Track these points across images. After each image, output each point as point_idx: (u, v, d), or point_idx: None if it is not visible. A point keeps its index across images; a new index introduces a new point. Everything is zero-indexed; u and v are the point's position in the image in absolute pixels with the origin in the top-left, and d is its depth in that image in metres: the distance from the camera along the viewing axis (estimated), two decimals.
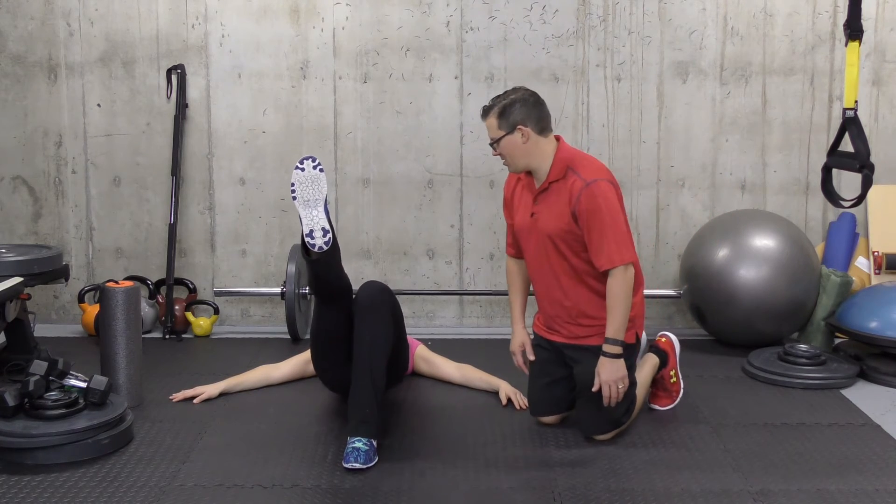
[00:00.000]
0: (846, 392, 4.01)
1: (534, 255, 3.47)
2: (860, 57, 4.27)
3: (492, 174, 4.93)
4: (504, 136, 3.35)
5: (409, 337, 3.97)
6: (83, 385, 3.38)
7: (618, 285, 3.28)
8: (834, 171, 4.34)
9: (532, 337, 3.65)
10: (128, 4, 4.83)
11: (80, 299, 4.85)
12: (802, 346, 4.21)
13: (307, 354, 3.87)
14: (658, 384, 3.73)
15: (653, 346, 3.78)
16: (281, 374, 4.02)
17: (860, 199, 4.14)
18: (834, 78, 4.89)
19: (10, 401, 3.23)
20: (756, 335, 4.53)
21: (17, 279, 3.90)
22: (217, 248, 5.01)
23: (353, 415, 3.28)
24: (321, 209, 3.20)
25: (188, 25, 4.85)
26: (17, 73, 4.88)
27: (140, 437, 3.42)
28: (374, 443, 3.23)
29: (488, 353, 4.51)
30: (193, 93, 4.89)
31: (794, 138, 4.95)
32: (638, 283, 3.42)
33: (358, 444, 3.18)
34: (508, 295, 3.68)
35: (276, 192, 4.95)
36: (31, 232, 5.00)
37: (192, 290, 4.95)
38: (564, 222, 3.33)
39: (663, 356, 3.72)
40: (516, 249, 3.61)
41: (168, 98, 4.88)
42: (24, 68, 4.87)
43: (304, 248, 3.27)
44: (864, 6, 4.15)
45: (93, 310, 4.68)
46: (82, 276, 5.01)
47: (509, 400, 3.81)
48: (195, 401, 3.79)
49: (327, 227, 3.20)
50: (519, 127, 3.33)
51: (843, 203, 4.26)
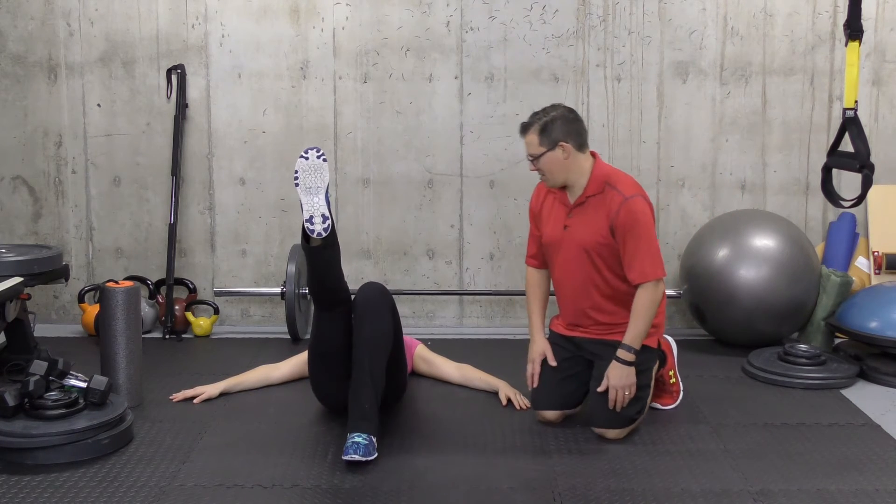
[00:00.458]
0: (846, 392, 4.01)
1: (563, 266, 3.55)
2: (860, 57, 4.27)
3: (492, 174, 4.93)
4: (545, 152, 3.43)
5: (408, 337, 3.97)
6: (83, 385, 3.38)
7: (646, 298, 3.40)
8: (834, 171, 4.34)
9: (548, 335, 3.70)
10: (128, 4, 4.83)
11: (80, 299, 4.85)
12: (802, 346, 4.21)
13: (307, 355, 3.87)
14: (658, 385, 3.75)
15: None
16: (281, 374, 4.03)
17: (860, 199, 4.14)
18: (834, 78, 4.89)
19: (10, 401, 3.23)
20: (756, 335, 4.53)
21: (17, 279, 3.90)
22: (217, 248, 5.01)
23: (352, 411, 3.28)
24: (322, 196, 3.24)
25: (188, 25, 4.85)
26: (17, 73, 4.88)
27: (140, 437, 3.41)
28: (374, 439, 3.24)
29: (488, 353, 4.52)
30: (193, 93, 4.89)
31: (794, 138, 4.95)
32: (662, 297, 3.52)
33: (358, 439, 3.19)
34: (528, 304, 3.74)
35: (276, 192, 4.95)
36: (31, 232, 5.00)
37: (192, 290, 4.95)
38: (601, 235, 3.43)
39: (662, 356, 3.73)
40: (539, 261, 3.69)
41: (168, 98, 4.88)
42: (24, 68, 4.87)
43: (304, 236, 3.30)
44: (864, 6, 4.15)
45: (93, 310, 4.68)
46: (82, 276, 5.01)
47: (509, 400, 3.81)
48: (195, 401, 3.79)
49: (327, 214, 3.24)
50: (560, 143, 3.42)
51: (843, 203, 4.26)
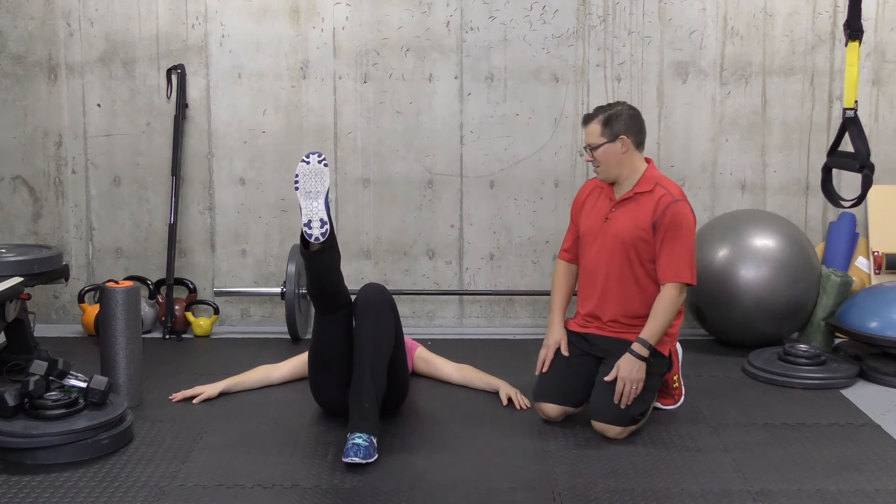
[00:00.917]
0: (846, 392, 4.01)
1: (594, 258, 3.62)
2: (860, 57, 4.27)
3: (491, 174, 4.93)
4: (605, 143, 3.53)
5: (407, 338, 3.96)
6: (83, 385, 3.38)
7: (670, 298, 3.47)
8: (834, 171, 4.35)
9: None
10: (128, 4, 4.83)
11: (80, 299, 4.85)
12: (802, 346, 4.21)
13: (307, 357, 3.87)
14: (661, 388, 3.75)
15: None
16: (280, 374, 4.03)
17: (860, 199, 4.14)
18: (834, 78, 4.89)
19: (10, 401, 3.23)
20: (756, 335, 4.53)
21: (17, 279, 3.90)
22: (217, 248, 5.01)
23: (353, 412, 3.28)
24: (321, 201, 3.25)
25: (188, 25, 4.85)
26: (17, 73, 4.88)
27: (140, 437, 3.41)
28: (374, 440, 3.23)
29: (488, 353, 4.52)
30: (193, 93, 4.89)
31: (794, 138, 4.95)
32: (679, 310, 3.56)
33: (358, 440, 3.18)
34: (552, 296, 3.80)
35: (276, 192, 4.95)
36: (31, 232, 5.00)
37: (192, 290, 4.95)
38: (643, 230, 3.51)
39: (669, 362, 3.75)
40: (572, 255, 3.77)
41: (168, 98, 4.88)
42: (24, 68, 4.87)
43: (303, 241, 3.30)
44: (864, 6, 4.15)
45: (93, 310, 4.68)
46: (82, 276, 5.01)
47: (510, 400, 3.81)
48: (195, 401, 3.79)
49: (325, 220, 3.24)
50: (621, 137, 3.52)
51: (843, 203, 4.26)
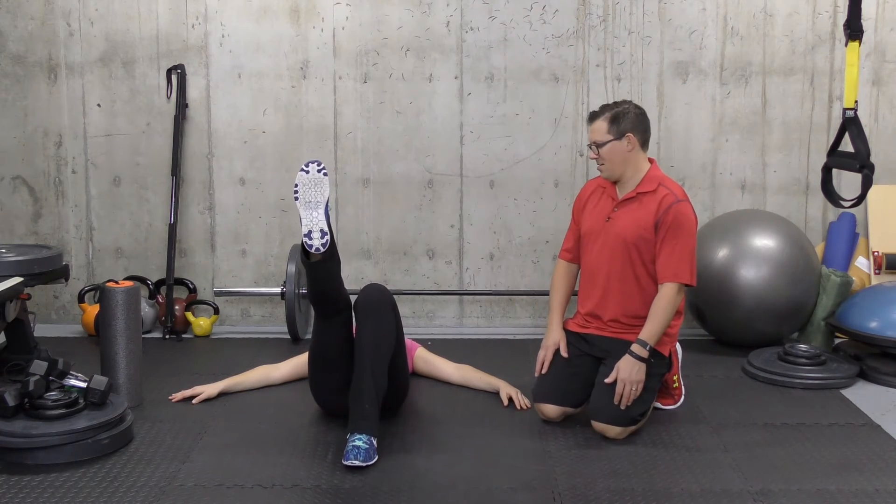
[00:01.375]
0: (846, 392, 4.01)
1: (596, 257, 3.62)
2: (860, 57, 4.27)
3: (491, 174, 4.93)
4: (611, 140, 3.53)
5: (407, 339, 3.96)
6: (83, 385, 3.38)
7: (669, 298, 3.47)
8: (834, 171, 4.34)
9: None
10: (128, 4, 4.83)
11: (80, 299, 4.85)
12: (802, 346, 4.21)
13: (307, 355, 3.87)
14: (661, 388, 3.75)
15: None
16: (280, 374, 4.03)
17: (860, 199, 4.14)
18: (834, 78, 4.89)
19: (10, 401, 3.23)
20: (756, 335, 4.53)
21: (17, 279, 3.89)
22: (217, 248, 5.01)
23: (353, 411, 3.27)
24: (321, 211, 3.24)
25: (188, 25, 4.85)
26: (17, 73, 4.88)
27: (140, 437, 3.41)
28: (374, 441, 3.23)
29: (488, 353, 4.52)
30: (193, 93, 4.89)
31: (794, 138, 4.95)
32: (679, 311, 3.56)
33: (358, 442, 3.18)
34: (551, 296, 3.79)
35: (276, 192, 4.95)
36: (31, 232, 5.00)
37: (192, 290, 4.95)
38: (645, 229, 3.51)
39: (669, 363, 3.74)
40: (573, 255, 3.77)
41: (168, 98, 4.88)
42: (24, 68, 4.87)
43: (304, 251, 3.29)
44: (864, 6, 4.15)
45: (93, 310, 4.68)
46: (82, 276, 5.01)
47: (510, 400, 3.81)
48: (194, 401, 3.79)
49: (326, 230, 3.24)
50: (628, 135, 3.53)
51: (843, 203, 4.26)
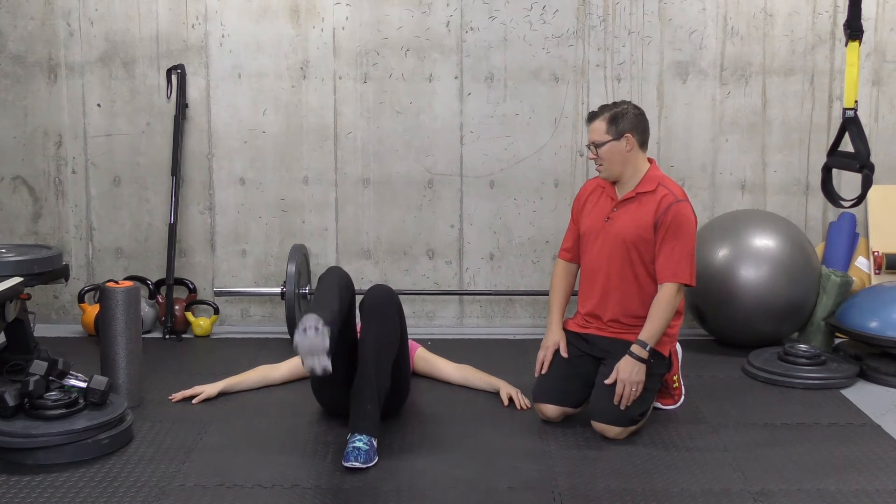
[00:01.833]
0: (846, 392, 4.01)
1: (595, 257, 3.62)
2: (860, 57, 4.27)
3: (491, 174, 4.93)
4: (610, 140, 3.53)
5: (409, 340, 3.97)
6: (83, 385, 3.38)
7: (668, 298, 3.47)
8: (834, 171, 4.34)
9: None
10: (128, 4, 4.83)
11: (80, 299, 4.85)
12: (802, 346, 4.21)
13: None
14: (661, 388, 3.75)
15: None
16: (280, 374, 4.03)
17: (860, 199, 4.14)
18: (834, 78, 4.89)
19: (10, 401, 3.23)
20: (756, 335, 4.53)
21: (17, 279, 3.89)
22: (217, 248, 5.01)
23: (354, 412, 3.27)
24: (324, 356, 3.10)
25: (188, 25, 4.85)
26: (17, 73, 4.88)
27: (140, 437, 3.42)
28: (375, 442, 3.23)
29: (488, 353, 4.52)
30: (193, 93, 4.89)
31: (794, 138, 4.95)
32: (679, 311, 3.56)
33: (358, 444, 3.18)
34: (550, 296, 3.78)
35: (276, 192, 4.95)
36: (31, 232, 5.00)
37: (192, 290, 4.95)
38: (644, 229, 3.51)
39: (669, 363, 3.74)
40: (572, 255, 3.76)
41: (168, 98, 4.88)
42: (24, 68, 4.87)
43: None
44: (864, 6, 4.15)
45: (93, 310, 4.68)
46: (82, 276, 5.01)
47: (510, 400, 3.81)
48: (194, 401, 3.79)
49: (329, 368, 3.11)
50: (626, 135, 3.52)
51: (843, 203, 4.26)
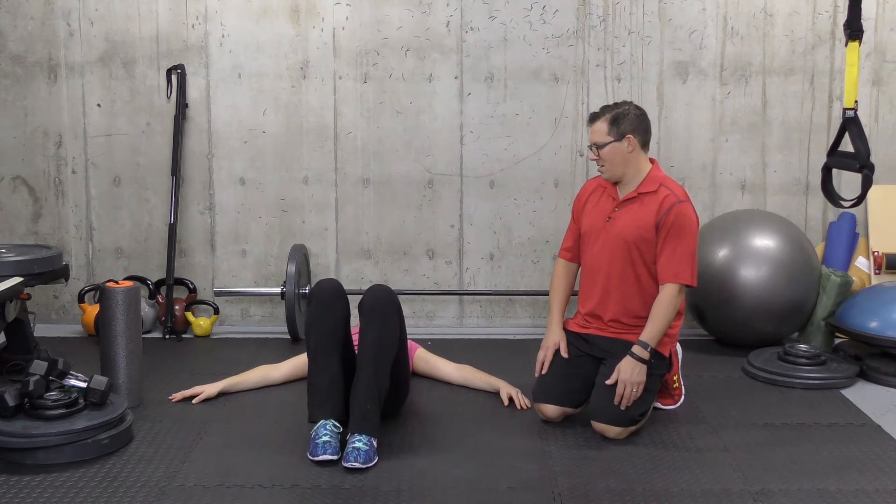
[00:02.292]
0: (846, 392, 4.01)
1: (596, 257, 3.62)
2: (860, 57, 4.27)
3: (491, 174, 4.93)
4: (611, 142, 3.53)
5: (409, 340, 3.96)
6: (83, 385, 3.38)
7: (669, 298, 3.47)
8: (834, 171, 4.34)
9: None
10: (128, 4, 4.83)
11: (80, 299, 4.85)
12: (802, 346, 4.21)
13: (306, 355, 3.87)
14: (661, 388, 3.75)
15: None
16: (280, 374, 4.03)
17: (860, 199, 4.14)
18: (834, 78, 4.89)
19: (10, 401, 3.23)
20: (756, 335, 4.53)
21: (17, 279, 3.89)
22: (217, 248, 5.01)
23: (354, 412, 3.27)
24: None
25: (188, 25, 4.85)
26: (17, 73, 4.88)
27: (140, 437, 3.42)
28: (375, 442, 3.23)
29: (488, 353, 4.52)
30: (193, 93, 4.89)
31: (794, 138, 4.95)
32: (680, 311, 3.56)
33: (358, 444, 3.17)
34: (550, 296, 3.78)
35: (276, 192, 4.95)
36: (31, 232, 5.00)
37: (192, 290, 4.95)
38: (645, 229, 3.51)
39: (669, 363, 3.75)
40: (573, 254, 3.76)
41: (168, 98, 4.88)
42: (24, 68, 4.87)
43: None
44: (864, 6, 4.15)
45: (93, 310, 4.68)
46: (82, 276, 5.01)
47: (511, 400, 3.81)
48: (194, 401, 3.79)
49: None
50: (628, 136, 3.52)
51: (843, 203, 4.26)
